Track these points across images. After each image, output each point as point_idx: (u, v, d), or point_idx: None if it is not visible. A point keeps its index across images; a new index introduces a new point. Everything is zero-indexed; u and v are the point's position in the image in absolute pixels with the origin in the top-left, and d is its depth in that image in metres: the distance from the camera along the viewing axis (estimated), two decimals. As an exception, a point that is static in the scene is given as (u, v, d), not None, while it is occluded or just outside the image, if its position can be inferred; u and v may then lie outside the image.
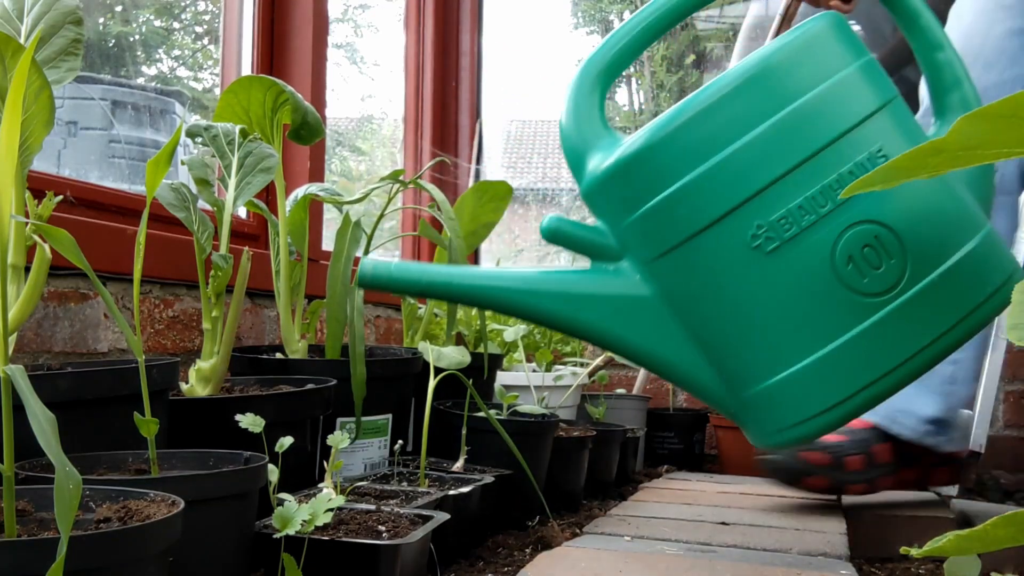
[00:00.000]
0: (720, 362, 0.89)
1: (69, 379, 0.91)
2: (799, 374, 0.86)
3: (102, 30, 1.78)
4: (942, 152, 0.49)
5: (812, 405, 0.87)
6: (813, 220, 0.85)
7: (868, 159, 0.87)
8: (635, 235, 0.89)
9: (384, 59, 2.87)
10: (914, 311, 0.86)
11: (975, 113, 0.45)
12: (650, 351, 0.90)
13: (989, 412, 1.91)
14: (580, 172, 0.92)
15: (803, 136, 0.86)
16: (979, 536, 0.52)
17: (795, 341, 0.86)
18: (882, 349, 0.86)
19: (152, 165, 0.90)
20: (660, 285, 0.89)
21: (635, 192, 0.88)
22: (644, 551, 1.16)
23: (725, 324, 0.88)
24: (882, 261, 0.86)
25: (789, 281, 0.86)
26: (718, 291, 0.87)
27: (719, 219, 0.86)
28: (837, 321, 0.86)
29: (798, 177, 0.86)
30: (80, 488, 0.57)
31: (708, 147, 0.86)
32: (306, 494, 1.06)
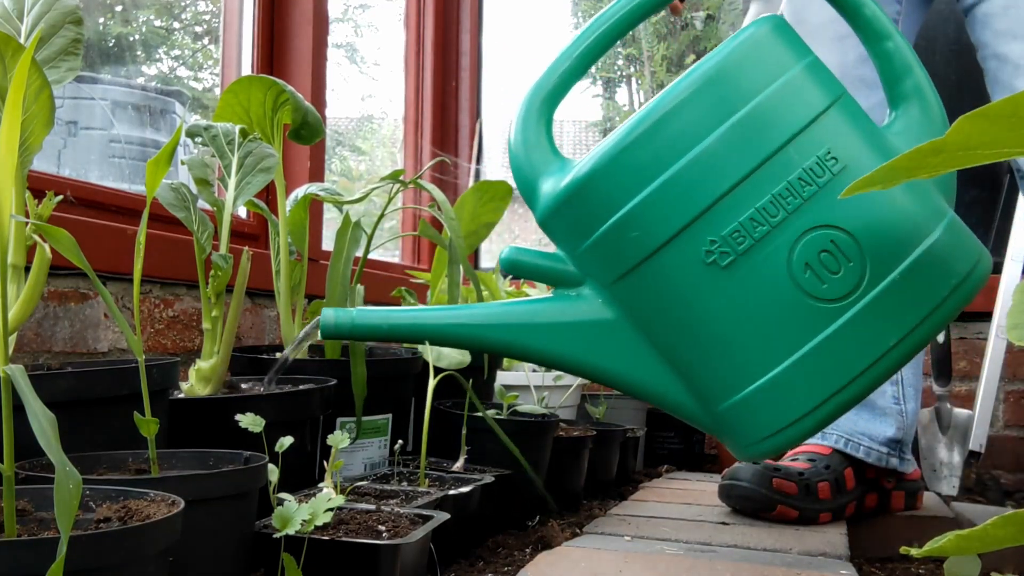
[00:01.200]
0: (690, 379, 0.89)
1: (69, 379, 0.91)
2: (767, 386, 0.86)
3: (102, 30, 1.78)
4: (942, 152, 0.49)
5: (784, 415, 0.87)
6: (766, 231, 0.84)
7: (817, 163, 0.86)
8: (592, 259, 0.89)
9: (384, 59, 2.87)
10: (878, 312, 0.85)
11: (975, 113, 0.45)
12: (621, 373, 0.90)
13: (989, 412, 1.91)
14: (533, 200, 0.92)
15: (749, 146, 0.85)
16: (979, 536, 0.52)
17: (761, 353, 0.86)
18: (849, 353, 0.85)
19: (152, 165, 0.90)
20: (622, 307, 0.89)
21: (587, 217, 0.88)
22: (644, 551, 1.16)
23: (690, 341, 0.88)
24: (840, 265, 0.85)
25: (748, 294, 0.85)
26: (679, 309, 0.87)
27: (672, 238, 0.85)
28: (800, 330, 0.85)
29: (747, 188, 0.85)
30: (80, 488, 0.57)
31: (655, 166, 0.85)
32: (306, 494, 1.06)
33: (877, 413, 1.47)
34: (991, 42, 1.38)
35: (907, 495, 1.52)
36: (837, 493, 1.43)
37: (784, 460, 1.48)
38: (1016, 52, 1.34)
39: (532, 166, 0.92)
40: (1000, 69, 1.37)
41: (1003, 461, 2.17)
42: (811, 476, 1.41)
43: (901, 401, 1.48)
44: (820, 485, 1.41)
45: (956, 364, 2.19)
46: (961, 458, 1.94)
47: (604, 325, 0.90)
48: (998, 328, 1.92)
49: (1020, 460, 2.18)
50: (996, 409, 2.15)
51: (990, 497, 1.95)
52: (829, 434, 1.48)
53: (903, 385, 1.48)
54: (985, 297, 2.07)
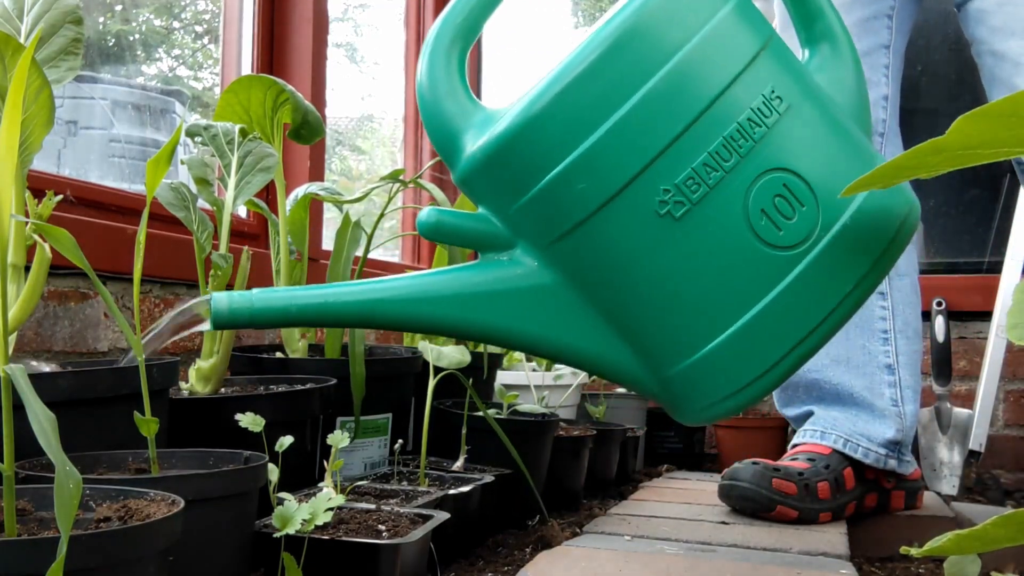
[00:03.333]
0: (640, 343, 0.83)
1: (69, 378, 0.91)
2: (728, 342, 0.81)
3: (102, 29, 1.78)
4: (942, 151, 0.49)
5: (745, 373, 0.82)
6: (720, 177, 0.79)
7: (764, 103, 0.82)
8: (528, 219, 0.81)
9: (384, 58, 2.87)
10: (833, 258, 0.82)
11: (975, 112, 0.45)
12: (561, 342, 0.83)
13: (989, 412, 1.91)
14: (453, 154, 0.83)
15: (697, 85, 0.80)
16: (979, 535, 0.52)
17: (719, 309, 0.81)
18: (807, 303, 0.82)
19: (152, 164, 0.90)
20: (563, 269, 0.82)
21: (523, 171, 0.80)
22: (644, 550, 1.16)
23: (642, 302, 0.82)
24: (795, 210, 0.81)
25: (705, 245, 0.80)
26: (630, 267, 0.81)
27: (621, 189, 0.79)
28: (759, 281, 0.81)
29: (698, 132, 0.79)
30: (80, 487, 0.56)
31: (601, 110, 0.78)
32: (306, 493, 1.06)
33: (876, 415, 1.47)
34: (987, 38, 1.38)
35: (907, 495, 1.52)
36: (837, 493, 1.43)
37: (784, 460, 1.48)
38: (1014, 49, 1.34)
39: (449, 115, 0.82)
40: (998, 66, 1.37)
41: (1003, 461, 2.17)
42: (811, 476, 1.41)
43: (899, 403, 1.48)
44: (820, 485, 1.41)
45: (956, 364, 2.19)
46: (961, 458, 1.94)
47: (542, 290, 0.82)
48: (998, 328, 1.93)
49: (1020, 460, 2.18)
50: (996, 409, 2.15)
51: (990, 497, 1.95)
52: (828, 434, 1.48)
53: (901, 387, 1.48)
54: (985, 297, 2.07)
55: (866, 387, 1.48)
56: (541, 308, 0.82)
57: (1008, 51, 1.34)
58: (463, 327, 0.83)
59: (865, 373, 1.48)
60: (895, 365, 1.48)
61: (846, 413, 1.49)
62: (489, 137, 0.80)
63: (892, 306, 1.49)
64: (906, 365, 1.49)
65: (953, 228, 2.36)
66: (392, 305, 0.81)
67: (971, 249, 2.34)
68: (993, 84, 1.40)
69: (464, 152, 0.81)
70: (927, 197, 2.35)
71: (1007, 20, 1.34)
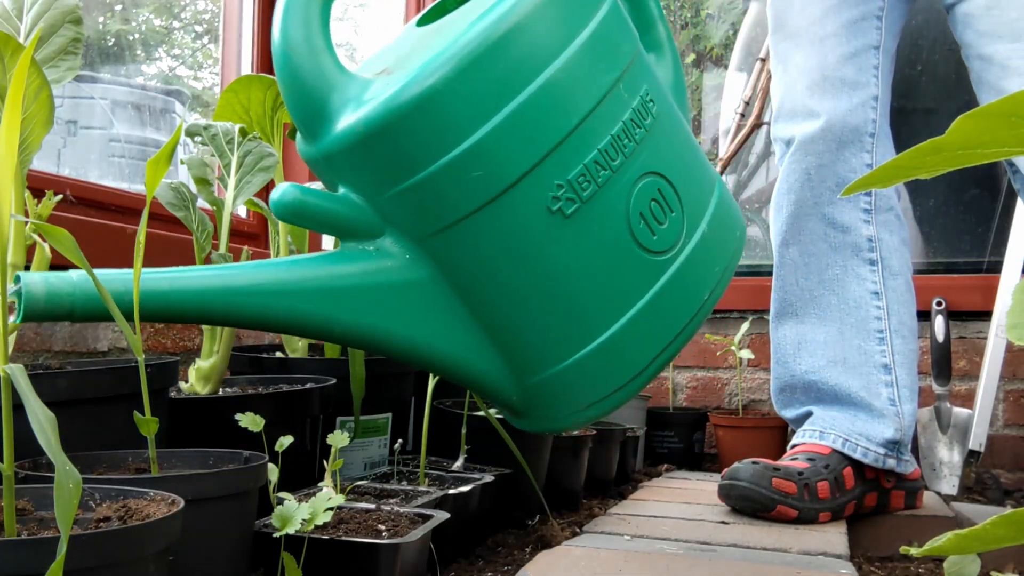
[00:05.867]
0: (509, 347, 0.80)
1: (69, 378, 0.91)
2: (599, 349, 0.79)
3: (102, 29, 1.78)
4: (941, 151, 0.49)
5: (612, 380, 0.80)
6: (608, 176, 0.77)
7: (641, 105, 0.80)
8: (406, 207, 0.74)
9: (384, 58, 2.88)
10: (694, 264, 0.83)
11: (974, 112, 0.45)
12: (425, 344, 0.77)
13: (989, 411, 1.91)
14: (316, 125, 0.73)
15: (591, 80, 0.77)
16: (979, 535, 0.52)
17: (594, 314, 0.79)
18: (673, 309, 0.82)
19: (152, 164, 0.90)
20: (437, 265, 0.76)
21: (410, 154, 0.72)
22: (644, 550, 1.16)
23: (520, 302, 0.77)
24: (666, 216, 0.81)
25: (589, 247, 0.77)
26: (513, 265, 0.76)
27: (519, 180, 0.73)
28: (634, 286, 0.80)
29: (591, 126, 0.76)
30: (80, 487, 0.57)
31: (500, 96, 0.73)
32: (306, 493, 1.06)
33: (874, 415, 1.47)
34: (974, 42, 1.38)
35: (907, 494, 1.52)
36: (837, 492, 1.43)
37: (783, 460, 1.48)
38: (1001, 53, 1.34)
39: (313, 78, 0.73)
40: (985, 70, 1.37)
41: (1003, 460, 2.17)
42: (810, 475, 1.41)
43: (897, 402, 1.48)
44: (819, 484, 1.41)
45: (956, 363, 2.19)
46: (961, 457, 1.94)
47: (410, 286, 0.76)
48: (998, 327, 1.93)
49: (1020, 459, 2.18)
50: (996, 408, 2.15)
51: (990, 496, 1.95)
52: (827, 434, 1.48)
53: (898, 386, 1.48)
54: (985, 297, 2.07)
55: (863, 387, 1.48)
56: (407, 305, 0.76)
57: (995, 55, 1.35)
58: (323, 326, 0.75)
59: (862, 373, 1.48)
60: (891, 365, 1.48)
61: (844, 413, 1.49)
62: (375, 110, 0.71)
63: (887, 306, 1.49)
64: (903, 364, 1.49)
65: (953, 228, 2.36)
66: (245, 297, 0.73)
67: (971, 249, 2.34)
68: (981, 87, 1.40)
69: (335, 124, 0.73)
70: (927, 197, 2.35)
71: (993, 24, 1.35)
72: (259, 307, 0.73)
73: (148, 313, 0.73)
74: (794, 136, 1.49)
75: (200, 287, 0.73)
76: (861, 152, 1.47)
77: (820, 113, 1.46)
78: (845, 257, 1.49)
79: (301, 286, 0.73)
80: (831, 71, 1.46)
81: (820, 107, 1.46)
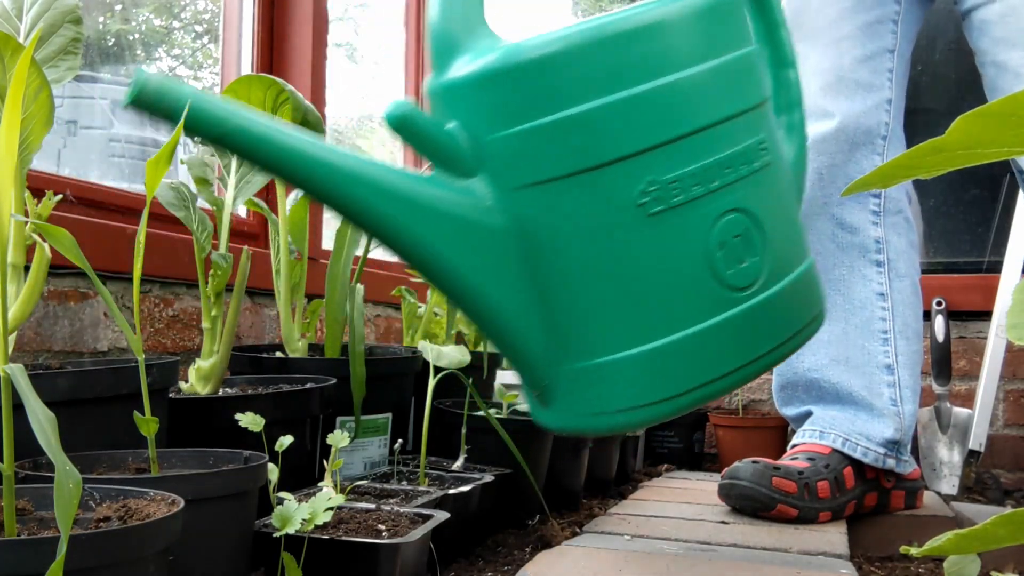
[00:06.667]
0: (557, 323, 0.79)
1: (69, 378, 0.91)
2: (644, 357, 0.79)
3: (102, 28, 1.78)
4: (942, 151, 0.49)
5: (646, 393, 0.80)
6: (701, 193, 0.78)
7: (755, 147, 0.82)
8: (507, 153, 0.76)
9: (384, 57, 2.87)
10: (761, 316, 0.82)
11: (974, 112, 0.45)
12: (479, 290, 0.77)
13: (989, 411, 1.92)
14: (448, 55, 0.77)
15: (717, 97, 0.79)
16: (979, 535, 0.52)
17: (650, 320, 0.79)
18: (727, 349, 0.81)
19: (152, 164, 0.90)
20: (517, 219, 0.77)
21: (524, 101, 0.75)
22: (644, 550, 1.16)
23: (581, 282, 0.78)
24: (747, 257, 0.81)
25: (662, 251, 0.78)
26: (586, 242, 0.77)
27: (617, 160, 0.76)
28: (696, 308, 0.79)
29: (701, 141, 0.78)
30: (80, 487, 0.57)
31: (630, 76, 0.76)
32: (306, 493, 1.06)
33: (875, 414, 1.47)
34: (989, 49, 1.38)
35: (907, 494, 1.52)
36: (837, 492, 1.43)
37: (783, 459, 1.48)
38: (1015, 60, 1.34)
39: (460, 17, 0.78)
40: (999, 76, 1.37)
41: (1003, 460, 2.18)
42: (811, 475, 1.41)
43: (899, 403, 1.48)
44: (820, 484, 1.41)
45: (956, 363, 2.19)
46: (961, 457, 1.94)
47: (485, 231, 0.77)
48: (998, 327, 1.93)
49: (1020, 459, 2.18)
50: (996, 408, 2.15)
51: (990, 496, 1.95)
52: (827, 434, 1.48)
53: (900, 387, 1.48)
54: (985, 296, 2.07)
55: (865, 387, 1.48)
56: (476, 247, 0.77)
57: (1009, 62, 1.35)
58: (392, 229, 0.76)
59: (864, 373, 1.48)
60: (894, 365, 1.48)
61: (845, 412, 1.49)
62: (515, 48, 0.75)
63: (892, 307, 1.49)
64: (906, 365, 1.49)
65: (953, 228, 2.36)
66: (334, 172, 0.74)
67: (971, 249, 2.34)
68: (995, 94, 1.40)
69: (467, 57, 0.77)
70: (927, 197, 2.35)
71: (1009, 32, 1.35)
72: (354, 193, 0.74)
73: (242, 149, 0.73)
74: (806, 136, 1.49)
75: (304, 151, 0.74)
76: (872, 154, 1.47)
77: (834, 114, 1.47)
78: (852, 258, 1.49)
79: (394, 189, 0.75)
80: (846, 73, 1.46)
81: (834, 108, 1.47)
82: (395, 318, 2.07)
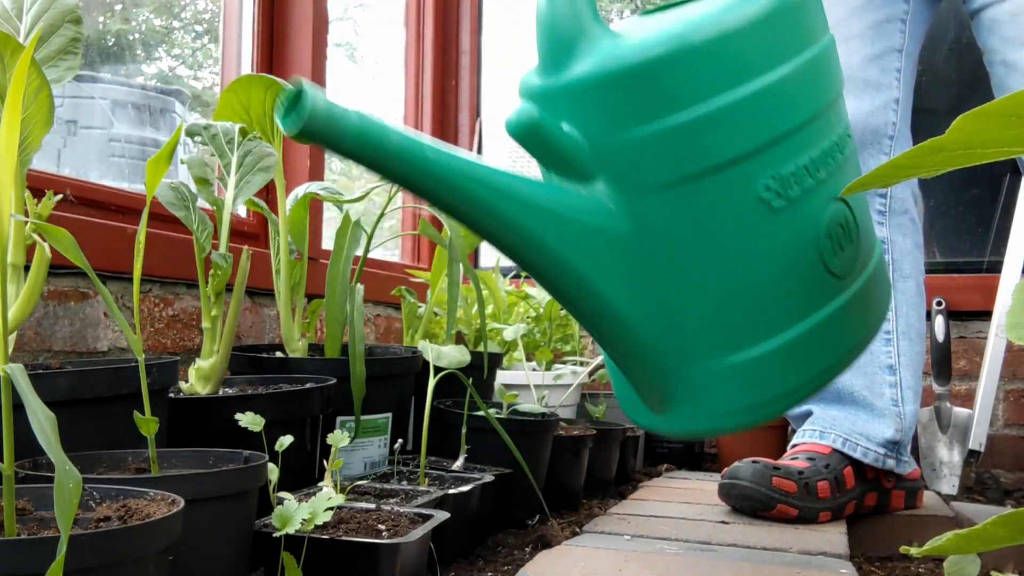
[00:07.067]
0: (680, 326, 0.78)
1: (69, 378, 0.91)
2: (769, 353, 0.78)
3: (102, 28, 1.78)
4: (942, 151, 0.49)
5: (769, 388, 0.80)
6: (813, 185, 0.78)
7: (841, 136, 0.83)
8: (629, 156, 0.74)
9: (384, 57, 2.87)
10: (861, 300, 0.84)
11: (975, 112, 0.45)
12: (597, 293, 0.75)
13: (989, 411, 1.91)
14: (565, 53, 0.74)
15: (819, 86, 0.80)
16: (978, 535, 0.52)
17: (772, 315, 0.79)
18: (837, 337, 0.82)
19: (152, 164, 0.90)
20: (638, 223, 0.75)
21: (650, 103, 0.73)
22: (644, 550, 1.16)
23: (707, 283, 0.77)
24: (846, 244, 0.82)
25: (783, 247, 0.78)
26: (710, 243, 0.76)
27: (739, 159, 0.74)
28: (811, 300, 0.80)
29: (813, 131, 0.78)
30: (80, 487, 0.57)
31: (745, 71, 0.74)
32: (306, 493, 1.06)
33: (875, 414, 1.47)
34: (998, 48, 1.38)
35: (907, 494, 1.52)
36: (837, 492, 1.43)
37: (784, 459, 1.48)
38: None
39: (577, 14, 0.74)
40: (1008, 75, 1.37)
41: (1003, 460, 2.17)
42: (811, 475, 1.41)
43: (899, 403, 1.48)
44: (820, 484, 1.41)
45: (956, 363, 2.19)
46: (961, 457, 1.94)
47: (606, 235, 0.74)
48: (998, 327, 1.93)
49: (1020, 459, 2.18)
50: (996, 408, 2.15)
51: (990, 496, 1.95)
52: (827, 433, 1.48)
53: (901, 387, 1.48)
54: (985, 296, 2.07)
55: (866, 387, 1.48)
56: (597, 250, 0.74)
57: (1019, 61, 1.35)
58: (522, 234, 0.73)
59: (866, 373, 1.48)
60: (896, 366, 1.48)
61: (845, 412, 1.49)
62: (636, 48, 0.72)
63: (895, 307, 1.49)
64: (908, 366, 1.49)
65: (953, 228, 2.36)
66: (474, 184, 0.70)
67: (971, 249, 2.34)
68: (1003, 93, 1.39)
69: (585, 57, 0.73)
70: (927, 197, 2.35)
71: (1019, 30, 1.35)
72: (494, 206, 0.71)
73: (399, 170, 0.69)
74: None
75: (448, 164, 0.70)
76: (879, 154, 1.47)
77: None
78: None
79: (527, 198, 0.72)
80: (855, 71, 1.46)
81: None
82: (395, 318, 2.07)
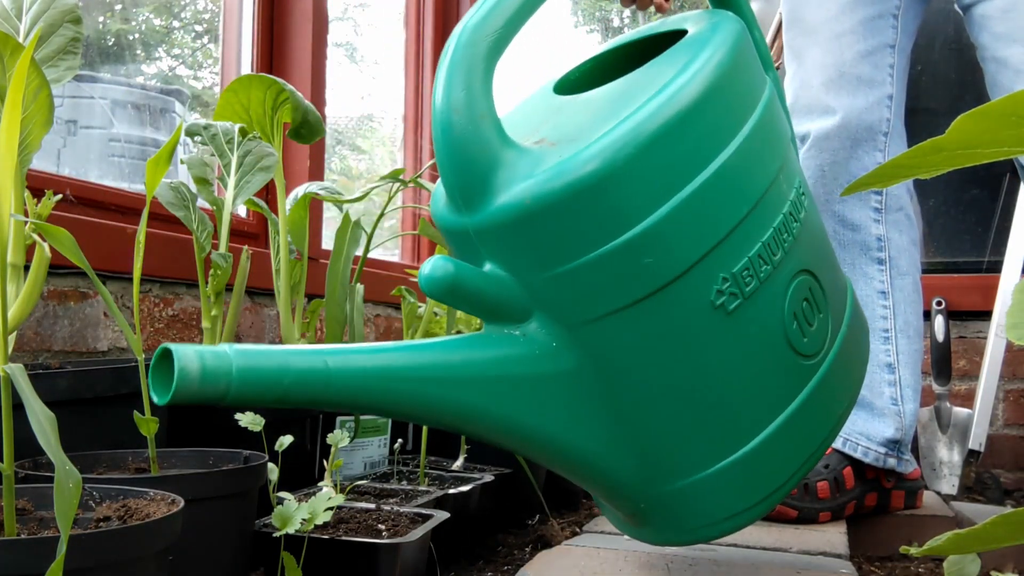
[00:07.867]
0: (645, 449, 0.73)
1: (69, 378, 0.91)
2: (748, 456, 0.74)
3: (101, 28, 1.78)
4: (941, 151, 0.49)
5: (750, 493, 0.76)
6: (769, 272, 0.73)
7: (797, 196, 0.77)
8: (564, 292, 0.68)
9: (384, 57, 2.87)
10: (836, 371, 0.79)
11: (975, 111, 0.45)
12: (556, 438, 0.69)
13: (988, 411, 1.91)
14: (475, 195, 0.67)
15: (764, 156, 0.73)
16: (978, 535, 0.52)
17: (745, 419, 0.74)
18: (819, 415, 0.78)
19: (152, 164, 0.90)
20: (587, 355, 0.69)
21: (575, 237, 0.67)
22: (643, 549, 1.16)
23: (670, 401, 0.72)
24: (815, 316, 0.76)
25: (747, 346, 0.73)
26: (668, 361, 0.71)
27: (686, 271, 0.69)
28: (785, 391, 0.75)
29: (758, 216, 0.72)
30: (80, 487, 0.56)
31: (674, 181, 0.68)
32: (306, 493, 1.06)
33: (876, 414, 1.47)
34: (990, 44, 1.38)
35: (907, 494, 1.52)
36: (836, 492, 1.43)
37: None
38: (1016, 56, 1.34)
39: (478, 147, 0.66)
40: (1000, 72, 1.37)
41: (1003, 460, 2.17)
42: (810, 475, 1.41)
43: (899, 402, 1.48)
44: (819, 484, 1.41)
45: (956, 363, 2.19)
46: (961, 457, 1.94)
47: (555, 377, 0.68)
48: (997, 327, 1.93)
49: (1020, 459, 2.18)
50: (996, 408, 2.15)
51: (990, 496, 1.95)
52: None
53: (901, 386, 1.48)
54: (985, 296, 2.07)
55: (866, 386, 1.48)
56: (548, 396, 0.68)
57: (1010, 58, 1.35)
58: (460, 411, 0.66)
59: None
60: (895, 364, 1.48)
61: None
62: (549, 184, 0.65)
63: (893, 305, 1.49)
64: (907, 364, 1.49)
65: (953, 228, 2.36)
66: (394, 382, 0.63)
67: (971, 249, 2.34)
68: (995, 90, 1.40)
69: (497, 196, 0.67)
70: (927, 197, 2.35)
71: (1010, 27, 1.35)
72: (426, 396, 0.64)
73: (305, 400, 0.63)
74: (809, 132, 1.49)
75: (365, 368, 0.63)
76: (874, 151, 1.47)
77: (836, 110, 1.46)
78: (853, 255, 1.49)
79: (462, 375, 0.65)
80: (848, 68, 1.46)
81: (836, 104, 1.46)
82: (395, 318, 2.07)
